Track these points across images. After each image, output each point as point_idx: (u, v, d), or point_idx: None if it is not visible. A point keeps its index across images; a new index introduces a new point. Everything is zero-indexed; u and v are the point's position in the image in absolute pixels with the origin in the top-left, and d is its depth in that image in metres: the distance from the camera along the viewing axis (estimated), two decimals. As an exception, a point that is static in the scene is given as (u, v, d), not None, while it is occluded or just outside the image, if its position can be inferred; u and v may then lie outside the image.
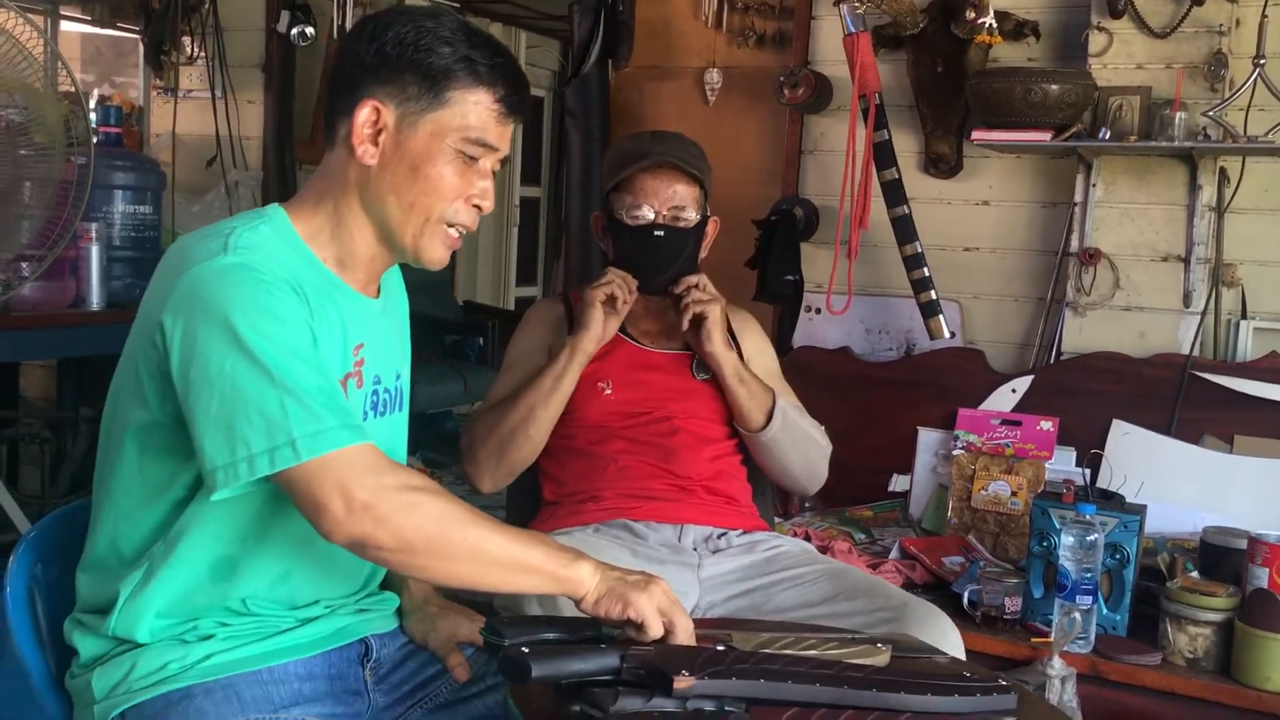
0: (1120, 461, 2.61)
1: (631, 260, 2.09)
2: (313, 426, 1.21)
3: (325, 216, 1.40)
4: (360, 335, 1.42)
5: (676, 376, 2.12)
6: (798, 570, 1.95)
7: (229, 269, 1.26)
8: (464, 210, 1.40)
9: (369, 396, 1.45)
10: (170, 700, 1.30)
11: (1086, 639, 2.18)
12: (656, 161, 2.05)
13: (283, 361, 1.23)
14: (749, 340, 2.22)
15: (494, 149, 1.39)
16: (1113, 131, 2.72)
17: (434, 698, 1.47)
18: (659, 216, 2.07)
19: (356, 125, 1.36)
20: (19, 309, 3.01)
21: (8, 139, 2.70)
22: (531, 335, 2.17)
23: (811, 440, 2.15)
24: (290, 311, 1.28)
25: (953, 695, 1.22)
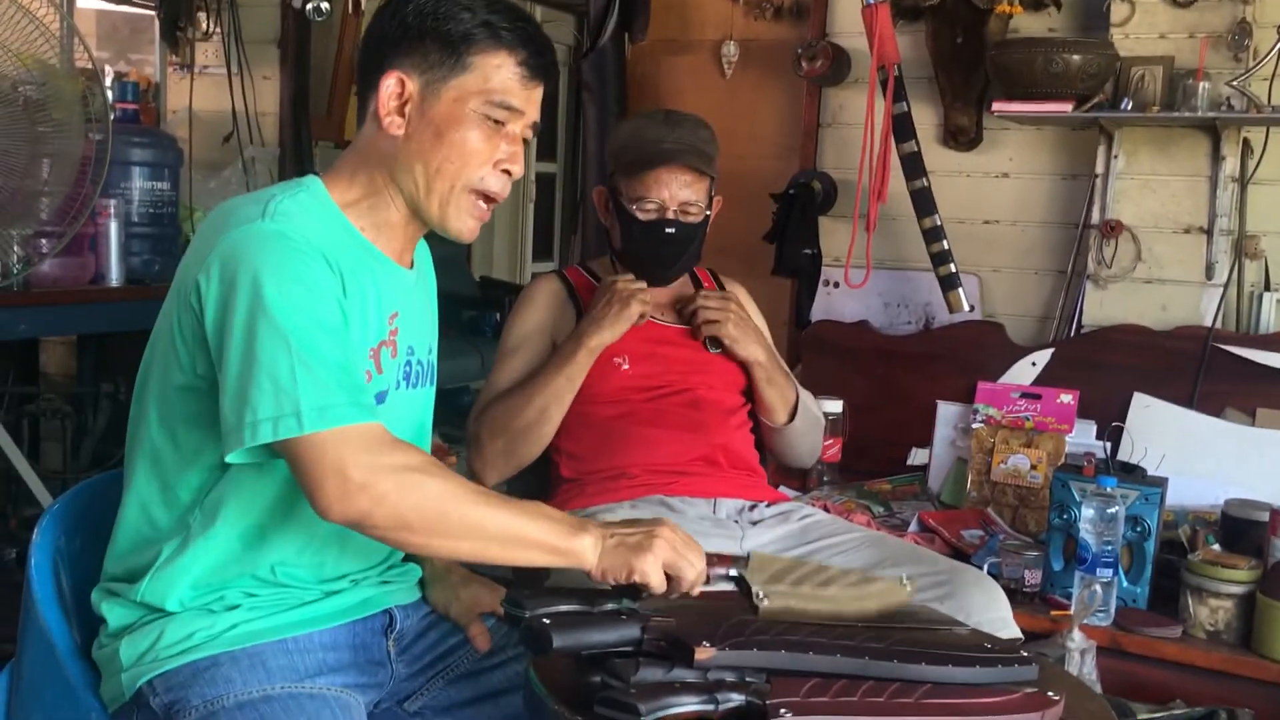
0: (1141, 435, 2.59)
1: (639, 252, 2.08)
2: (321, 400, 1.22)
3: (361, 188, 1.41)
4: (395, 304, 1.43)
5: (690, 349, 2.12)
6: (837, 538, 1.97)
7: (266, 234, 1.28)
8: (492, 176, 1.39)
9: (402, 366, 1.45)
10: (197, 668, 1.31)
11: (1107, 612, 2.18)
12: (669, 160, 2.03)
13: (304, 332, 1.24)
14: (747, 311, 2.21)
15: (519, 112, 1.39)
16: (1135, 102, 2.69)
17: (455, 668, 1.49)
18: (669, 211, 2.04)
19: (382, 98, 1.37)
20: (39, 285, 3.02)
21: (25, 116, 2.70)
22: (533, 316, 2.14)
23: (818, 423, 2.19)
24: (320, 282, 1.28)
25: (974, 666, 1.22)
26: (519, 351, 2.09)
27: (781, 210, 3.18)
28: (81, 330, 3.62)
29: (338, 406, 1.22)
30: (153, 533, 1.36)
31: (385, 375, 1.41)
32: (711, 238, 2.18)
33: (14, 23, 2.64)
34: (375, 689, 1.44)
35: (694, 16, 3.86)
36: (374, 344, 1.39)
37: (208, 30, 3.95)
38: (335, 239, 1.35)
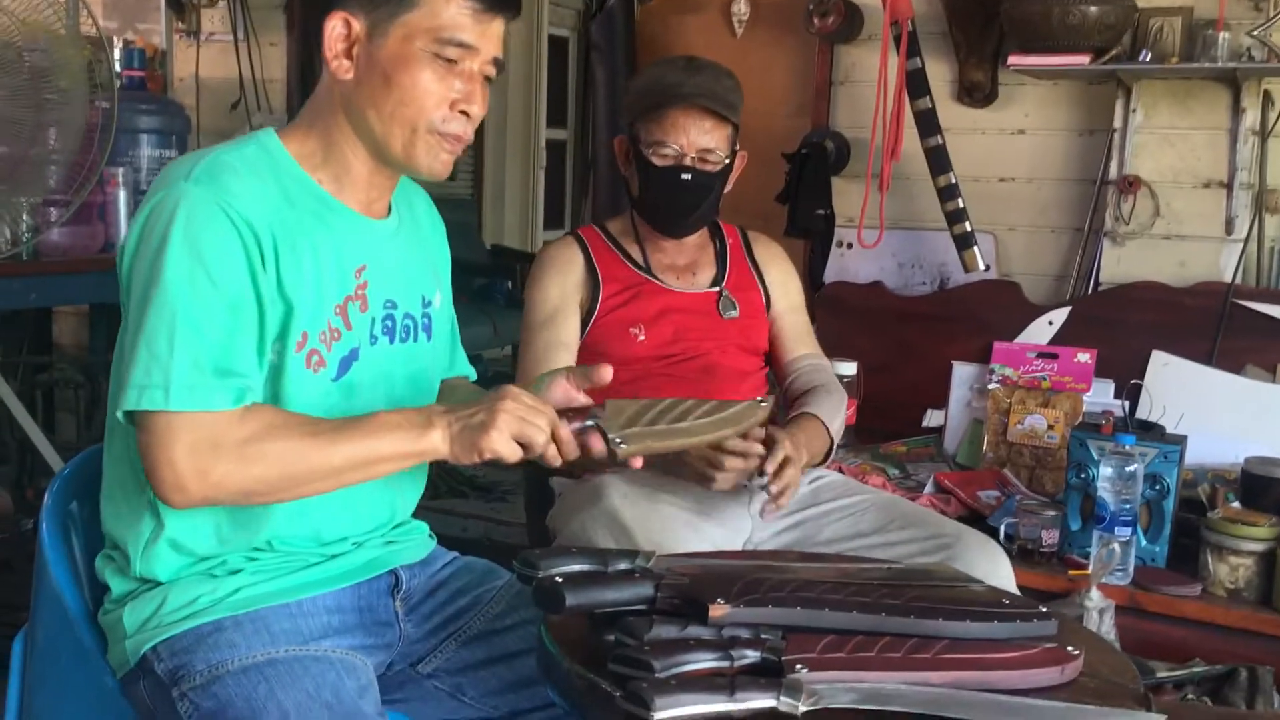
0: (1160, 392, 2.57)
1: (655, 201, 2.02)
2: (190, 378, 1.20)
3: (317, 138, 1.36)
4: (363, 256, 1.38)
5: (704, 316, 2.07)
6: (846, 500, 1.94)
7: (182, 199, 1.24)
8: (452, 118, 1.33)
9: (380, 321, 1.40)
10: (201, 633, 1.30)
11: (1125, 570, 2.16)
12: (688, 101, 1.95)
13: (190, 306, 1.22)
14: (775, 272, 2.17)
15: (473, 49, 1.32)
16: (1153, 54, 2.64)
17: (467, 630, 1.47)
18: (686, 158, 1.97)
19: (327, 39, 1.32)
20: (48, 255, 3.01)
21: (32, 84, 2.68)
22: (555, 285, 2.05)
23: (843, 416, 2.10)
24: (225, 254, 1.24)
25: (991, 621, 1.20)
26: (550, 324, 2.02)
27: (793, 170, 3.14)
28: (91, 300, 3.61)
29: (204, 388, 1.21)
30: (129, 510, 1.34)
31: (355, 331, 1.37)
32: (724, 199, 2.12)
33: (19, -10, 2.62)
34: (384, 650, 1.43)
35: (704, -25, 3.83)
36: (339, 300, 1.35)
37: (213, -3, 3.92)
38: (280, 196, 1.31)
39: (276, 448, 1.22)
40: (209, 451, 1.20)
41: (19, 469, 3.46)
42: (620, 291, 2.04)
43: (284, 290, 1.29)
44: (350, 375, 1.36)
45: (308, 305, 1.31)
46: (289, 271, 1.29)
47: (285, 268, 1.29)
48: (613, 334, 2.01)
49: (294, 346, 1.30)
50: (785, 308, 2.14)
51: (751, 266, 2.15)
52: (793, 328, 2.14)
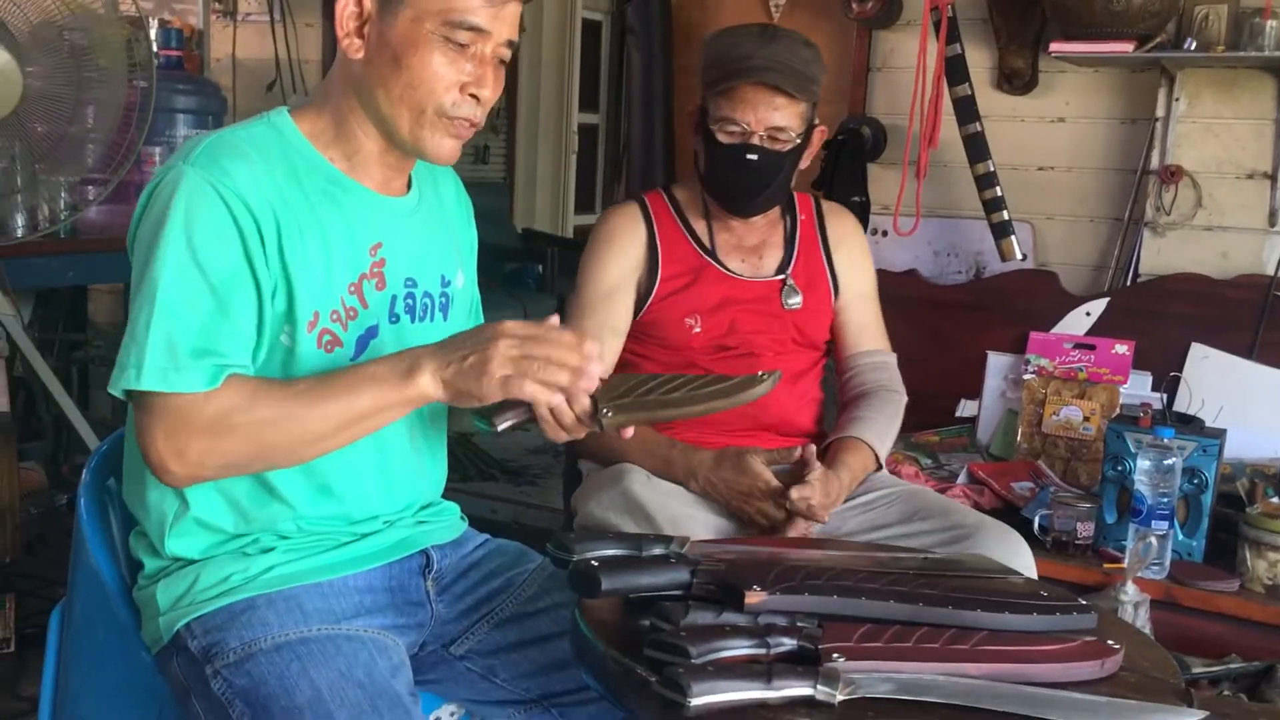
0: (1199, 385, 2.54)
1: (720, 179, 1.92)
2: (163, 360, 1.20)
3: (329, 116, 1.36)
4: (378, 234, 1.37)
5: (765, 304, 1.98)
6: (871, 495, 1.90)
7: (180, 179, 1.25)
8: (463, 102, 1.31)
9: (401, 300, 1.39)
10: (234, 611, 1.30)
11: (1161, 565, 2.14)
12: (756, 78, 1.83)
13: (173, 288, 1.22)
14: (846, 254, 2.06)
15: (484, 32, 1.30)
16: (1198, 42, 2.60)
17: (500, 612, 1.47)
18: (753, 136, 1.86)
19: (339, 18, 1.31)
20: (86, 233, 3.04)
21: (73, 63, 2.69)
22: (618, 262, 1.96)
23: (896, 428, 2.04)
24: (214, 236, 1.24)
25: (1031, 614, 1.19)
26: (605, 306, 1.95)
27: (830, 157, 3.12)
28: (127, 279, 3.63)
29: (176, 370, 1.20)
30: (155, 489, 1.34)
31: (371, 309, 1.36)
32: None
33: (59, -32, 2.63)
34: (416, 629, 1.43)
35: (741, -41, 3.80)
36: (353, 278, 1.34)
37: (251, -22, 3.93)
38: (286, 175, 1.30)
39: (249, 420, 1.22)
40: (183, 431, 1.21)
41: (54, 445, 3.49)
42: (680, 274, 1.96)
43: (288, 270, 1.29)
44: (369, 353, 1.36)
45: (316, 285, 1.31)
46: (294, 251, 1.29)
47: (290, 248, 1.28)
48: (668, 320, 1.96)
49: (305, 327, 1.30)
50: (853, 296, 2.06)
51: (823, 248, 2.05)
52: (858, 319, 2.06)
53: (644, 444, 1.88)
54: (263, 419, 1.22)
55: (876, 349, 2.08)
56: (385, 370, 1.24)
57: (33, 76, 2.54)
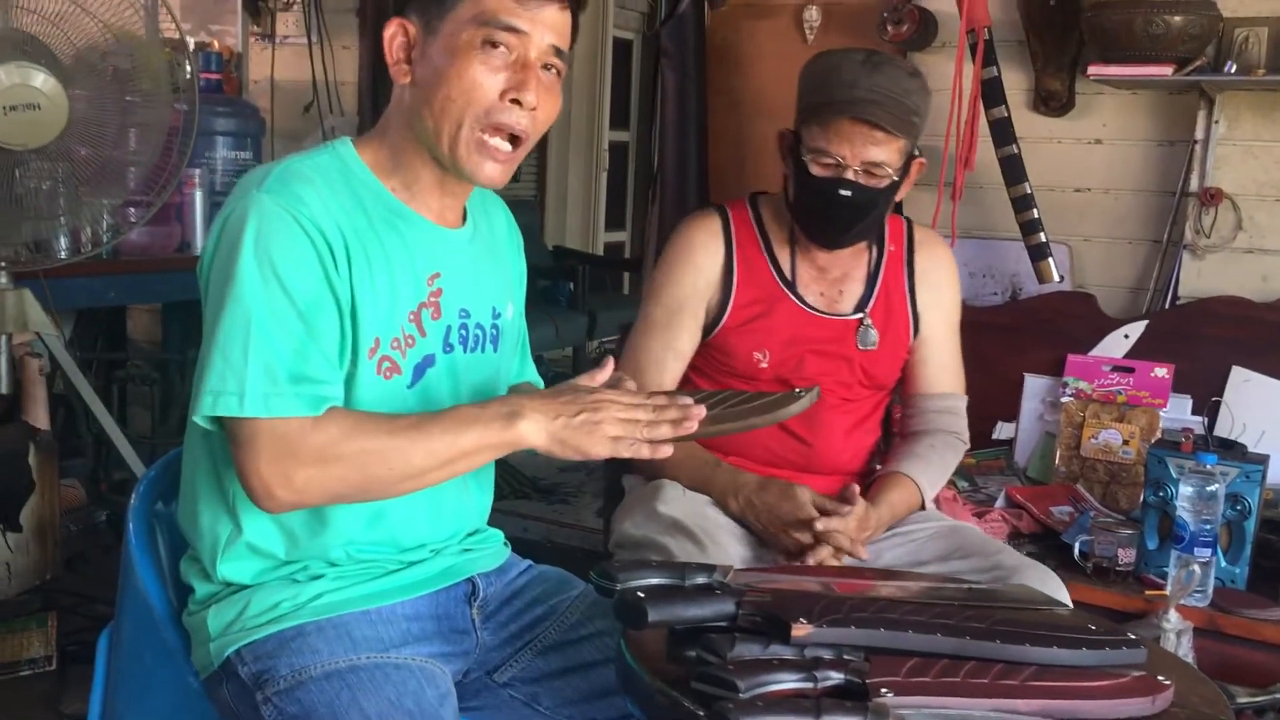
0: (1240, 409, 2.51)
1: (809, 211, 1.84)
2: (264, 386, 1.21)
3: (389, 146, 1.38)
4: (436, 264, 1.38)
5: (837, 344, 1.91)
6: (909, 527, 1.88)
7: (253, 207, 1.26)
8: (501, 108, 1.30)
9: (455, 330, 1.41)
10: (284, 638, 1.31)
11: (1204, 592, 2.12)
12: (855, 113, 1.73)
13: (265, 312, 1.23)
14: (932, 291, 1.98)
15: (523, 33, 1.29)
16: (1239, 65, 2.58)
17: (544, 639, 1.48)
18: (848, 170, 1.76)
19: (387, 46, 1.34)
20: (127, 254, 3.08)
21: (116, 86, 2.73)
22: (690, 280, 1.89)
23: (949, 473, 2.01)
24: (299, 260, 1.25)
25: (1080, 648, 1.19)
26: (671, 326, 1.89)
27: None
28: (168, 298, 3.69)
29: (279, 396, 1.21)
30: (208, 513, 1.36)
31: (429, 339, 1.38)
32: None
33: (103, -7, 2.67)
34: (461, 658, 1.44)
35: (775, -19, 3.79)
36: (412, 307, 1.36)
37: (289, 0, 3.97)
38: (352, 203, 1.32)
39: (355, 450, 1.23)
40: (290, 458, 1.22)
41: (94, 462, 3.52)
42: (754, 302, 1.90)
43: (355, 296, 1.30)
44: (425, 381, 1.37)
45: (381, 311, 1.32)
46: (361, 277, 1.30)
47: (357, 273, 1.30)
48: (737, 350, 1.90)
49: (366, 353, 1.32)
50: (932, 335, 1.98)
51: (908, 283, 1.97)
52: (935, 358, 1.99)
53: (690, 457, 1.87)
54: (368, 450, 1.24)
55: (948, 392, 2.01)
56: (489, 413, 1.27)
57: (77, 100, 2.58)
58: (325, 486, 1.24)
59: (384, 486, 1.27)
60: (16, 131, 2.45)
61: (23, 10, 2.56)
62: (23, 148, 2.48)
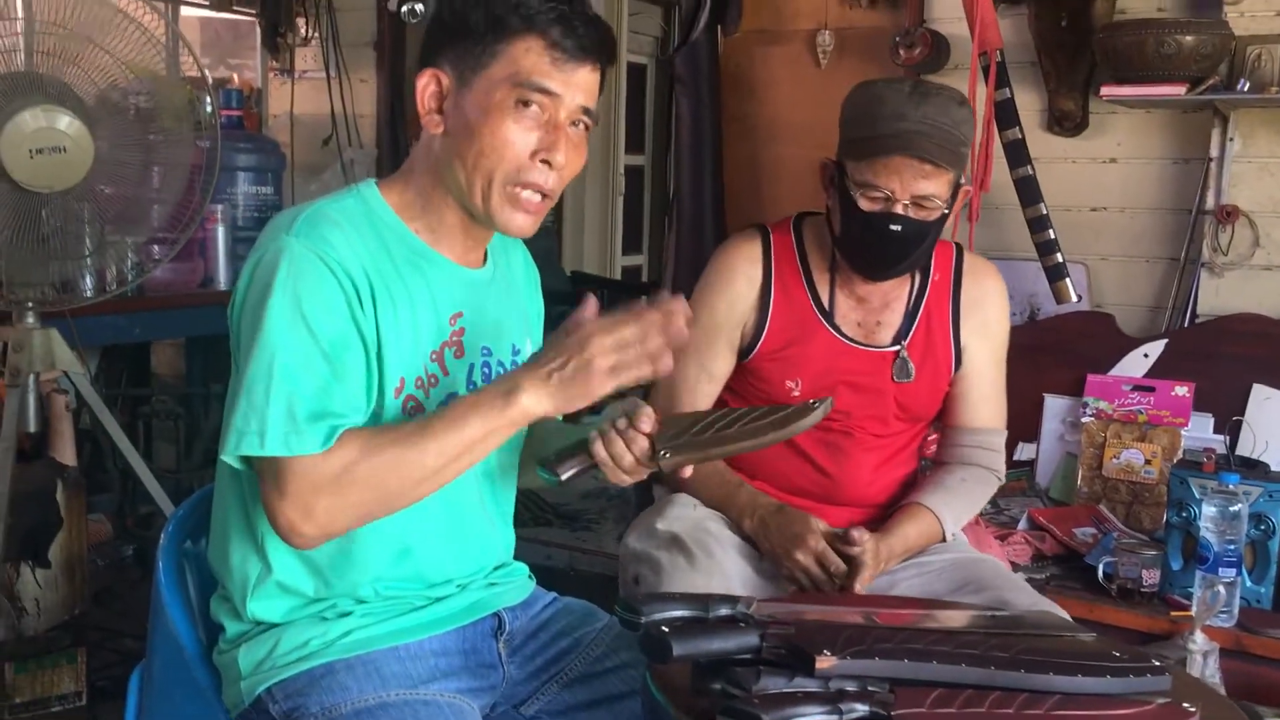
0: (1262, 427, 2.51)
1: (857, 244, 1.80)
2: (284, 426, 1.23)
3: (415, 190, 1.40)
4: (458, 305, 1.41)
5: (873, 377, 1.88)
6: (925, 558, 1.87)
7: (282, 250, 1.28)
8: (532, 167, 1.33)
9: (479, 368, 1.43)
10: (314, 676, 1.33)
11: (1230, 613, 2.11)
12: (906, 151, 1.69)
13: (290, 353, 1.25)
14: (978, 321, 1.92)
15: (555, 95, 1.32)
16: (1251, 83, 2.59)
17: (570, 671, 1.49)
18: (897, 204, 1.72)
19: (420, 97, 1.35)
20: (152, 290, 3.12)
21: (139, 126, 2.77)
22: (726, 302, 1.88)
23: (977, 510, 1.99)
24: (326, 301, 1.27)
25: (1104, 676, 1.19)
26: (707, 350, 1.88)
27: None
28: (191, 333, 3.72)
29: (298, 434, 1.23)
30: (238, 552, 1.38)
31: (451, 377, 1.40)
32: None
33: (124, 32, 2.70)
34: (489, 692, 1.45)
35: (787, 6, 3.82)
36: (435, 346, 1.38)
37: (307, 35, 4.03)
38: (377, 245, 1.34)
39: (368, 469, 1.25)
40: (309, 491, 1.24)
41: (121, 497, 3.56)
42: (789, 328, 1.88)
43: (380, 335, 1.32)
44: None
45: (404, 351, 1.34)
46: (386, 317, 1.33)
47: (383, 314, 1.32)
48: (770, 377, 1.89)
49: (392, 392, 1.34)
50: (975, 368, 1.93)
51: (952, 314, 1.92)
52: (976, 392, 1.94)
53: (714, 475, 1.88)
54: (381, 464, 1.25)
55: (988, 428, 1.96)
56: (487, 397, 1.27)
57: (101, 141, 2.61)
58: (347, 511, 1.26)
59: (404, 496, 1.28)
60: (43, 174, 2.49)
61: (45, 54, 2.60)
62: (48, 190, 2.51)
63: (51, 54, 2.62)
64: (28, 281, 2.64)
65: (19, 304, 2.64)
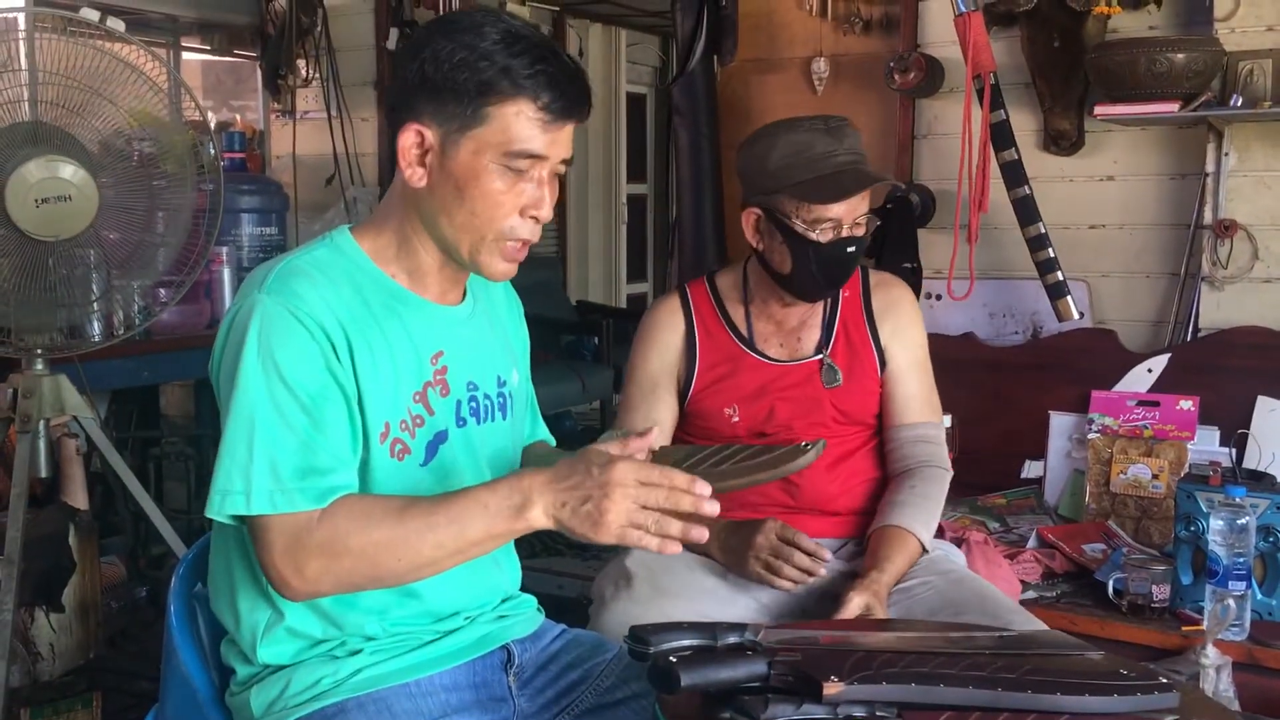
0: (1268, 440, 2.51)
1: (814, 275, 1.93)
2: (268, 484, 1.25)
3: (391, 234, 1.41)
4: (439, 343, 1.42)
5: (803, 388, 2.00)
6: (907, 584, 1.88)
7: (255, 306, 1.30)
8: (521, 224, 1.36)
9: (465, 404, 1.44)
10: (326, 715, 1.34)
11: (1241, 626, 2.10)
12: (860, 184, 1.87)
13: (268, 412, 1.27)
14: (893, 326, 2.05)
15: (541, 158, 1.34)
16: (1245, 98, 2.61)
17: (580, 704, 1.49)
18: (844, 228, 1.89)
19: (401, 149, 1.35)
20: (159, 333, 3.14)
21: (142, 171, 2.79)
22: (658, 356, 2.03)
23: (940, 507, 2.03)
24: (297, 357, 1.29)
25: (1111, 695, 1.19)
26: (649, 400, 2.01)
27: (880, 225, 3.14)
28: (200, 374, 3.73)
29: (283, 492, 1.25)
30: (246, 599, 1.39)
31: (439, 415, 1.41)
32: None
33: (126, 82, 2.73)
34: (499, 725, 1.46)
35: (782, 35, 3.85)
36: (418, 387, 1.39)
37: (308, 76, 4.07)
38: (351, 292, 1.35)
39: (363, 543, 1.25)
40: (300, 551, 1.25)
41: (133, 539, 3.57)
42: (717, 364, 2.01)
43: (360, 385, 1.33)
44: (439, 458, 1.41)
45: (385, 396, 1.35)
46: (364, 366, 1.34)
47: (360, 362, 1.33)
48: (708, 410, 2.00)
49: (377, 438, 1.35)
50: (899, 367, 2.04)
51: (868, 322, 2.05)
52: (904, 390, 2.04)
53: None
54: (377, 542, 1.25)
55: (923, 422, 2.05)
56: (497, 501, 1.25)
57: (106, 188, 2.64)
58: (338, 577, 1.27)
59: (395, 577, 1.29)
60: (49, 224, 2.51)
61: (48, 104, 2.64)
62: (55, 238, 2.54)
63: (55, 104, 2.65)
64: (36, 328, 2.67)
65: (27, 351, 2.66)
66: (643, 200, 7.36)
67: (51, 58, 2.58)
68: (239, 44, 4.37)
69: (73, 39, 2.62)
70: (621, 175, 6.96)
